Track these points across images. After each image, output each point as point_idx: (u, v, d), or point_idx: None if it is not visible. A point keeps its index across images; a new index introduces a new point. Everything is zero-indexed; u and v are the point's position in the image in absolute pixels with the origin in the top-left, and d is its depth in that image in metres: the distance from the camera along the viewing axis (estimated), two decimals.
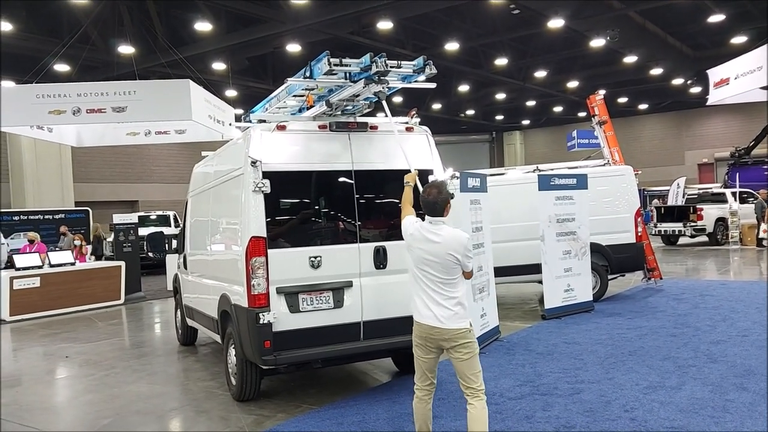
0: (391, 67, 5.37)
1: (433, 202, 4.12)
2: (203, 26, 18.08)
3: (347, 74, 5.54)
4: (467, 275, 4.19)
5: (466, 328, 4.04)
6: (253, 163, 5.45)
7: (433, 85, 5.92)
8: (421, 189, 4.47)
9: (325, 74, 5.39)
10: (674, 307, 9.96)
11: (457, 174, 8.72)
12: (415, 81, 5.74)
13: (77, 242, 14.82)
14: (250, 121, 6.62)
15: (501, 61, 24.59)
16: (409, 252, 4.18)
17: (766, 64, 13.93)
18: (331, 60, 5.29)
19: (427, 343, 4.10)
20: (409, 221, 4.27)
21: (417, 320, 4.14)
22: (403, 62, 5.54)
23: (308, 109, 6.08)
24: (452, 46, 21.76)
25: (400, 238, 6.00)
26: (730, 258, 17.58)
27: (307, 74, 5.52)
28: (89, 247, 15.63)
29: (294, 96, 6.14)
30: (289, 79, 5.70)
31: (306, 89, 5.87)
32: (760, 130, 24.92)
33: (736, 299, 10.34)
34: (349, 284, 5.73)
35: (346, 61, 5.39)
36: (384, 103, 5.58)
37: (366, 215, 5.91)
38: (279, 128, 5.71)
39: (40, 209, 20.63)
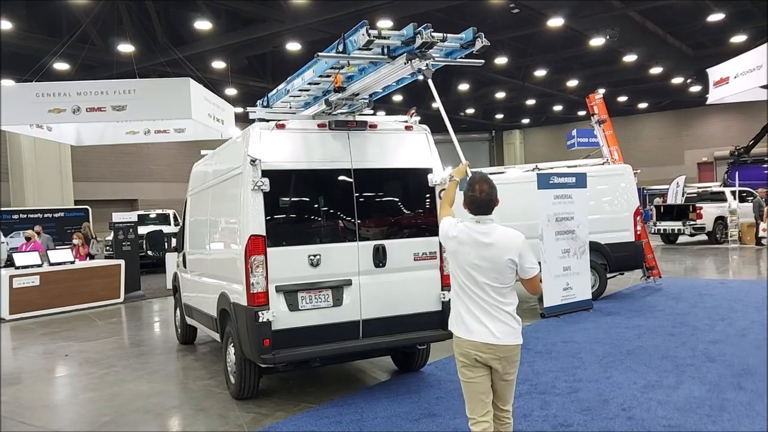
0: (439, 40, 4.79)
1: (487, 200, 3.60)
2: (203, 25, 18.09)
3: (385, 49, 4.97)
4: (531, 284, 3.67)
5: (520, 344, 3.62)
6: (252, 161, 5.46)
7: (481, 62, 5.40)
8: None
9: (361, 48, 4.82)
10: (673, 306, 9.98)
11: None
12: (461, 57, 5.22)
13: (76, 241, 14.82)
14: (267, 106, 6.56)
15: (501, 60, 24.57)
16: (454, 258, 3.66)
17: (766, 63, 13.94)
18: (370, 30, 4.70)
19: (476, 362, 3.57)
20: (450, 222, 3.74)
21: (463, 336, 3.59)
22: (449, 35, 4.93)
23: (336, 90, 5.59)
24: None
25: (400, 236, 6.10)
26: (729, 257, 17.59)
27: (340, 49, 4.99)
28: (87, 246, 15.61)
29: (309, 85, 5.78)
30: (320, 53, 5.15)
31: (334, 68, 5.36)
32: (760, 129, 24.95)
33: (735, 298, 10.35)
34: (349, 282, 5.74)
35: (385, 32, 4.82)
36: (430, 82, 4.99)
37: (365, 214, 5.92)
38: (278, 127, 5.72)
39: (39, 208, 20.65)
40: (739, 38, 21.89)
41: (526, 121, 41.58)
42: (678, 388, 5.72)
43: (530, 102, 34.62)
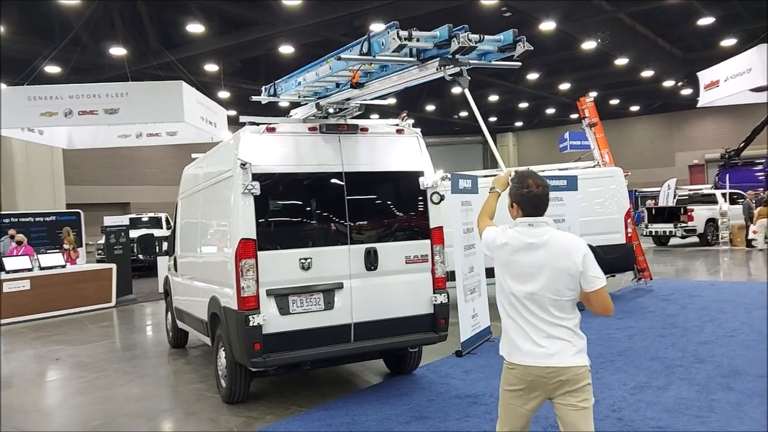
0: (476, 42, 4.37)
1: (541, 196, 3.10)
2: (195, 28, 18.08)
3: (413, 51, 4.59)
4: (598, 299, 3.00)
5: (587, 365, 3.05)
6: (243, 165, 5.47)
7: (518, 64, 4.91)
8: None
9: (391, 52, 4.46)
10: (663, 307, 10.03)
11: (448, 175, 8.76)
12: (498, 60, 4.81)
13: (66, 245, 14.75)
14: (273, 94, 6.42)
15: None
16: (505, 269, 3.12)
17: (756, 66, 14.06)
18: (401, 33, 4.30)
19: (531, 389, 3.03)
20: (496, 230, 3.22)
21: (515, 361, 3.06)
22: (486, 36, 4.50)
23: (353, 86, 5.33)
24: None
25: (391, 239, 6.12)
26: (720, 259, 17.70)
27: (365, 50, 4.66)
28: (80, 250, 15.55)
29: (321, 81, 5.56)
30: (342, 56, 4.84)
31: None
32: (750, 132, 25.11)
33: (725, 300, 10.42)
34: (340, 286, 5.75)
35: (416, 33, 4.40)
36: (467, 92, 4.56)
37: (356, 217, 5.92)
38: (269, 130, 5.72)
39: (31, 212, 20.52)
40: (729, 41, 22.04)
41: (519, 123, 41.73)
42: (667, 389, 5.75)
43: (523, 105, 34.76)
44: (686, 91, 29.20)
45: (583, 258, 2.97)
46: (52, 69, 18.35)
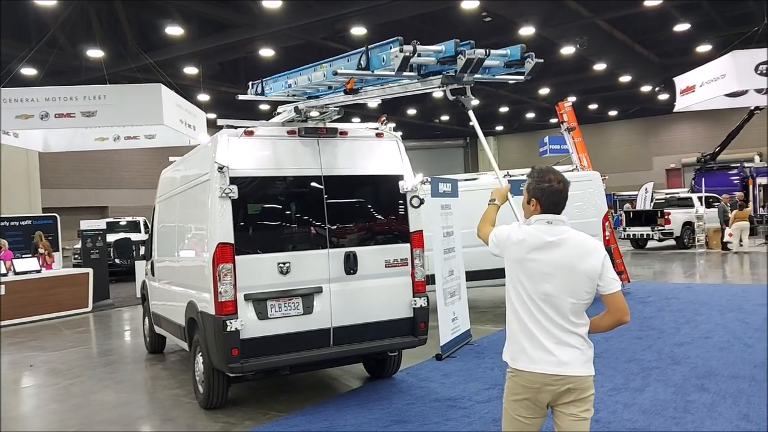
0: (480, 57, 4.21)
1: (562, 192, 2.95)
2: (174, 30, 17.93)
3: (414, 65, 4.38)
4: (615, 302, 2.87)
5: (593, 375, 2.93)
6: (220, 168, 5.42)
7: (521, 78, 4.74)
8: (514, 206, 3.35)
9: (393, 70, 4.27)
10: (640, 309, 10.14)
11: (428, 179, 8.78)
12: (502, 74, 4.66)
13: (42, 250, 14.52)
14: (261, 92, 6.37)
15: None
16: (519, 268, 2.93)
17: (730, 72, 14.31)
18: (405, 47, 4.09)
19: (538, 398, 2.88)
20: (509, 227, 3.04)
21: (524, 368, 2.89)
22: (492, 51, 4.39)
23: (347, 92, 5.23)
24: None
25: (371, 243, 6.11)
26: (696, 261, 17.96)
27: (363, 64, 4.53)
28: (56, 255, 15.31)
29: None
30: (339, 70, 4.75)
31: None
32: (725, 136, 25.57)
33: (700, 302, 10.57)
34: (319, 290, 5.72)
35: (421, 48, 4.19)
36: (471, 114, 4.36)
37: (336, 220, 5.91)
38: (247, 133, 5.69)
39: (6, 216, 20.17)
40: (704, 48, 22.43)
41: (499, 128, 42.02)
42: (644, 391, 5.81)
43: (503, 109, 35.03)
44: (663, 96, 29.66)
45: (603, 260, 2.86)
46: (28, 71, 18.09)
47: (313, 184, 5.88)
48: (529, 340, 2.88)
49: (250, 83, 6.65)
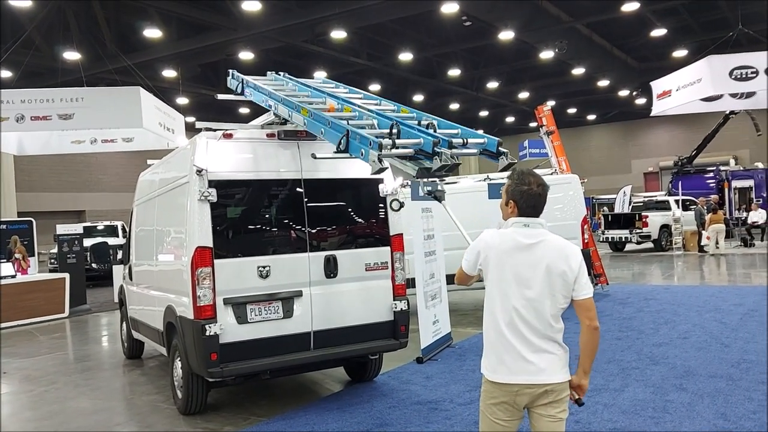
0: (457, 148, 4.37)
1: (541, 195, 2.94)
2: (153, 33, 17.77)
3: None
4: (585, 308, 2.88)
5: (570, 379, 2.94)
6: (199, 171, 5.36)
7: (475, 153, 4.81)
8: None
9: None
10: (619, 311, 10.24)
11: (408, 182, 8.78)
12: (476, 150, 4.77)
13: (18, 255, 14.25)
14: (241, 93, 6.44)
15: (454, 72, 24.95)
16: (498, 273, 2.92)
17: (706, 77, 14.56)
18: (385, 142, 4.22)
19: (516, 401, 2.89)
20: (481, 237, 3.04)
21: (500, 380, 2.89)
22: (470, 140, 4.60)
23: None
24: (406, 56, 21.98)
25: (351, 246, 6.08)
26: (674, 263, 18.19)
27: (342, 147, 4.64)
28: (32, 260, 15.04)
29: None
30: (318, 154, 5.32)
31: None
32: (701, 140, 25.95)
33: (678, 303, 10.70)
34: (299, 294, 5.68)
35: (401, 141, 4.36)
36: (445, 204, 4.50)
37: (316, 224, 5.87)
38: (225, 136, 5.63)
39: None
40: (680, 52, 22.80)
41: (479, 132, 42.16)
42: (623, 391, 5.85)
43: (483, 113, 35.24)
44: (641, 101, 30.09)
45: (580, 264, 2.88)
46: (3, 73, 17.80)
47: (293, 187, 5.83)
48: (507, 351, 2.87)
49: (231, 71, 6.61)
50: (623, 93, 30.03)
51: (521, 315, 2.85)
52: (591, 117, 38.15)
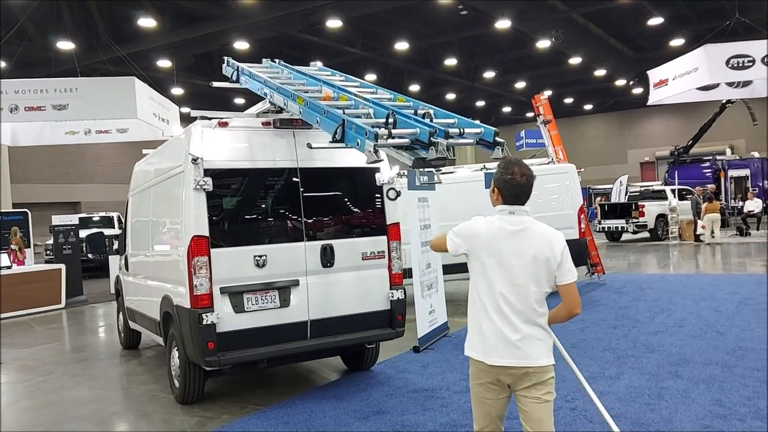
0: (454, 137, 4.35)
1: (524, 185, 3.01)
2: (147, 22, 17.65)
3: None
4: (568, 293, 3.01)
5: (553, 363, 3.04)
6: (194, 160, 5.34)
7: (469, 142, 4.71)
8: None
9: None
10: (615, 300, 10.28)
11: (404, 172, 8.75)
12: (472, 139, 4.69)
13: (14, 246, 14.22)
14: (236, 80, 6.51)
15: (450, 61, 24.88)
16: (481, 256, 3.00)
17: (702, 66, 14.54)
18: (381, 132, 4.17)
19: (499, 379, 3.00)
20: (467, 222, 3.11)
21: (483, 360, 2.99)
22: (467, 130, 4.57)
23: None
24: (402, 46, 21.89)
25: (348, 235, 6.08)
26: (670, 253, 18.25)
27: (338, 137, 4.63)
28: (28, 251, 15.01)
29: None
30: (314, 144, 5.16)
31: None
32: (698, 130, 25.98)
33: (674, 291, 10.74)
34: (296, 283, 5.68)
35: (396, 131, 4.32)
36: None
37: (312, 213, 5.86)
38: (221, 125, 5.61)
39: None
40: (677, 42, 22.76)
41: (476, 122, 42.12)
42: (619, 379, 5.88)
43: (480, 103, 35.15)
44: (637, 90, 30.03)
45: (562, 249, 2.98)
46: None
47: (289, 176, 5.82)
48: (492, 328, 2.96)
49: (227, 59, 6.57)
50: (620, 83, 30.00)
51: (507, 299, 2.94)
52: (587, 107, 38.11)
